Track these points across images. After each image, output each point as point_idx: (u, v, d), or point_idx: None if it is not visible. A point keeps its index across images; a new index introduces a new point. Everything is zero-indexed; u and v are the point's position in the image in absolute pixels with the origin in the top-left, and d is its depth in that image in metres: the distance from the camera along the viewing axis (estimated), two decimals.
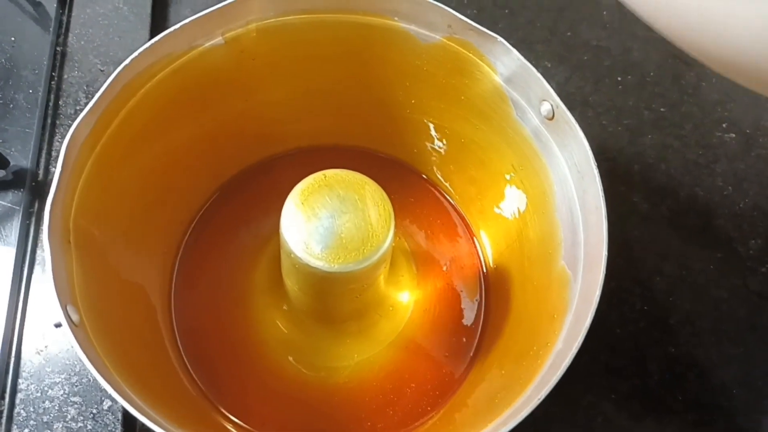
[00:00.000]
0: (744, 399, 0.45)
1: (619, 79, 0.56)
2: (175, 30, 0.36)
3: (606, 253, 0.32)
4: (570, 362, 0.30)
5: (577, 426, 0.44)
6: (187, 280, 0.46)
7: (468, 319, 0.46)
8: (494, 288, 0.46)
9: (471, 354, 0.45)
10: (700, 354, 0.47)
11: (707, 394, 0.46)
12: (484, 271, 0.47)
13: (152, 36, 0.54)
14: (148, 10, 0.55)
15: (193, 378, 0.43)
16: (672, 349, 0.47)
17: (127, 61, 0.34)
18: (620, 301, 0.48)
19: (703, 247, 0.50)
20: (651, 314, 0.48)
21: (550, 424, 0.44)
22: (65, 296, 0.30)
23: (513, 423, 0.29)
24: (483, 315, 0.46)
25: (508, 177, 0.42)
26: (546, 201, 0.38)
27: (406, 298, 0.47)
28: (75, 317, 0.30)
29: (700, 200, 0.52)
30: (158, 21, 0.56)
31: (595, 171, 0.34)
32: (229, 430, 0.41)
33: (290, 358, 0.44)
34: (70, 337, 0.29)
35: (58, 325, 0.30)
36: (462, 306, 0.46)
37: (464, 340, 0.45)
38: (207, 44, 0.38)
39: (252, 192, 0.49)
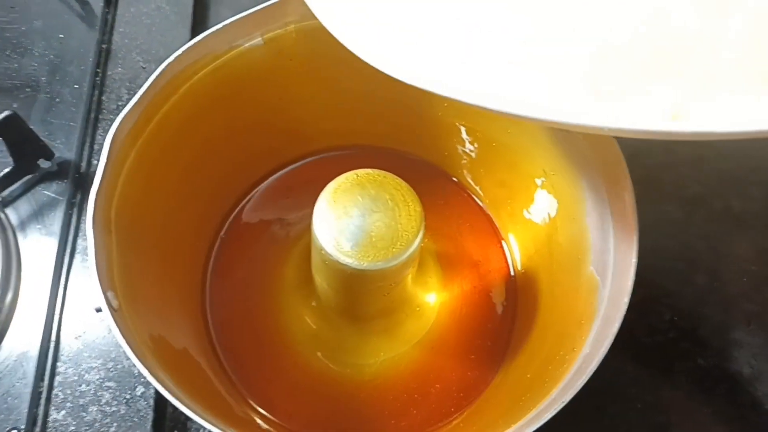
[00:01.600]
0: None
1: None
2: (217, 30, 0.37)
3: (636, 260, 0.32)
4: (597, 366, 0.30)
5: None
6: (220, 272, 0.47)
7: (495, 322, 0.46)
8: (522, 292, 0.46)
9: (497, 357, 0.45)
10: (730, 368, 0.46)
11: (736, 408, 0.45)
12: (512, 274, 0.47)
13: (193, 35, 0.56)
14: (190, 9, 0.57)
15: (223, 368, 0.44)
16: (701, 362, 0.46)
17: (171, 58, 0.36)
18: (648, 310, 0.48)
19: (736, 258, 0.50)
20: (680, 325, 0.47)
21: (574, 430, 0.44)
22: (106, 282, 0.32)
23: (537, 424, 0.29)
24: (510, 319, 0.46)
25: (539, 181, 0.42)
26: (577, 206, 0.38)
27: (432, 299, 0.47)
28: (115, 303, 0.31)
29: (735, 210, 0.51)
30: (199, 21, 0.58)
31: (628, 178, 0.34)
32: (255, 421, 0.42)
33: (318, 354, 0.45)
34: (110, 321, 0.30)
35: (98, 310, 0.31)
36: (489, 309, 0.47)
37: (490, 343, 0.46)
38: (246, 44, 0.39)
39: (284, 189, 0.50)
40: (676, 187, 0.52)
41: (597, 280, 0.35)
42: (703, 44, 0.20)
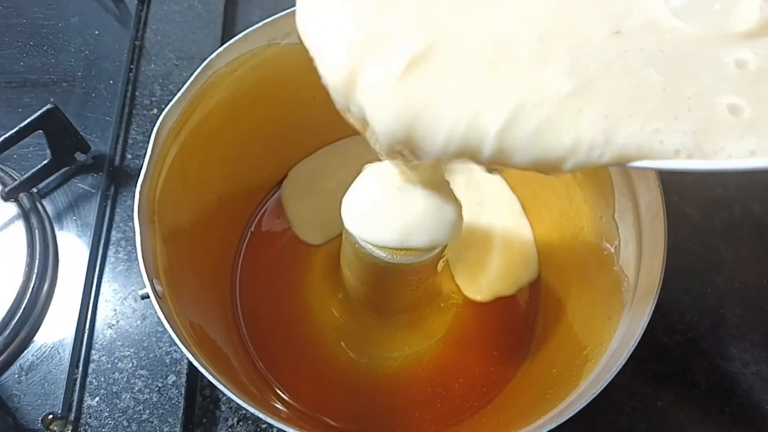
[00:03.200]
0: None
1: None
2: (257, 27, 0.38)
3: (664, 259, 0.32)
4: (625, 361, 0.30)
5: None
6: (249, 264, 0.48)
7: (519, 318, 0.47)
8: (547, 289, 0.47)
9: (521, 352, 0.46)
10: (751, 369, 0.47)
11: (755, 409, 0.45)
12: (538, 272, 0.48)
13: (224, 33, 0.57)
14: (221, 8, 0.58)
15: (251, 357, 0.45)
16: (721, 362, 0.47)
17: (213, 55, 0.37)
18: (669, 310, 0.48)
19: (757, 261, 0.50)
20: (700, 325, 0.48)
21: (593, 429, 0.45)
22: (152, 270, 0.33)
23: (567, 415, 0.30)
24: (533, 315, 0.47)
25: (570, 176, 0.43)
26: (606, 203, 0.39)
27: (457, 296, 0.48)
28: (159, 290, 0.33)
29: (755, 214, 0.52)
30: (229, 19, 0.59)
31: (656, 178, 0.34)
32: (282, 410, 0.43)
33: (342, 344, 0.46)
34: (156, 308, 0.31)
35: (144, 297, 0.32)
36: (514, 305, 0.48)
37: (513, 339, 0.46)
38: (283, 42, 0.40)
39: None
40: (697, 189, 0.53)
41: (625, 276, 0.35)
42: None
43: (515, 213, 0.50)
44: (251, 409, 0.30)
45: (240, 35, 0.38)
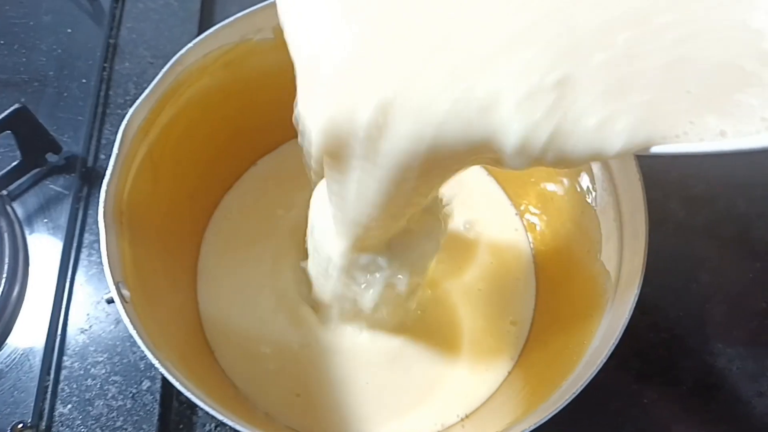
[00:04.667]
0: None
1: None
2: (227, 23, 0.37)
3: (646, 251, 0.32)
4: (607, 358, 0.30)
5: (604, 431, 0.44)
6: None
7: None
8: (541, 276, 0.46)
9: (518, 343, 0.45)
10: (735, 365, 0.46)
11: (740, 405, 0.45)
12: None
13: (200, 31, 0.56)
14: (198, 5, 0.57)
15: (217, 361, 0.44)
16: (705, 358, 0.46)
17: (183, 50, 0.36)
18: (653, 307, 0.48)
19: (741, 257, 0.50)
20: (684, 322, 0.47)
21: (577, 428, 0.43)
22: (118, 273, 0.32)
23: (547, 417, 0.29)
24: (530, 300, 0.46)
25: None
26: (586, 198, 0.38)
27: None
28: (126, 294, 0.31)
29: (739, 210, 0.51)
30: (206, 16, 0.58)
31: (638, 171, 0.34)
32: (258, 415, 0.42)
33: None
34: (121, 312, 0.30)
35: (110, 301, 0.31)
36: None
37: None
38: (257, 38, 0.40)
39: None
40: (680, 186, 0.52)
41: (607, 271, 0.35)
42: None
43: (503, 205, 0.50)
44: (220, 416, 0.29)
45: (210, 30, 0.37)
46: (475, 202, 0.49)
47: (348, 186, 0.27)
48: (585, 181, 0.38)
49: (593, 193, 0.38)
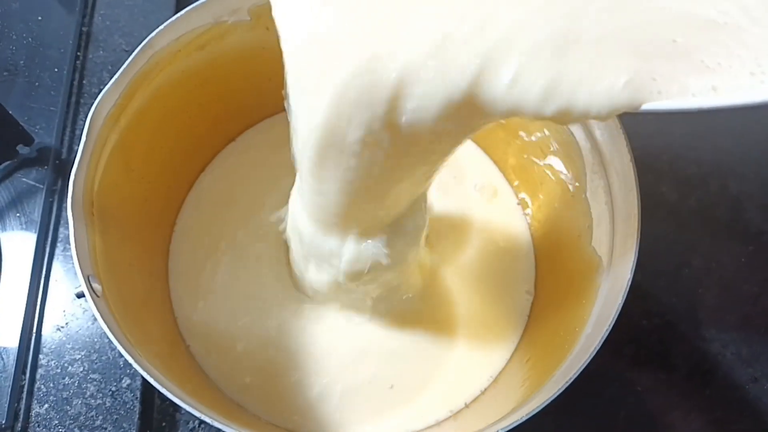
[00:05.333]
0: None
1: None
2: (200, 4, 0.36)
3: (638, 234, 0.31)
4: (599, 347, 0.29)
5: (599, 419, 0.43)
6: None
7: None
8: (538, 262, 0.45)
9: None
10: (730, 349, 0.45)
11: (735, 390, 0.44)
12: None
13: None
14: None
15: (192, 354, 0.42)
16: (699, 344, 0.46)
17: (153, 34, 0.34)
18: (646, 293, 0.47)
19: (734, 239, 0.49)
20: (678, 307, 0.47)
21: (571, 417, 0.43)
22: (87, 267, 0.30)
23: (540, 406, 0.28)
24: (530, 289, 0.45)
25: (552, 148, 0.41)
26: (577, 181, 0.37)
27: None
28: (97, 288, 0.30)
29: (732, 191, 0.50)
30: (183, 3, 0.56)
31: (629, 154, 0.33)
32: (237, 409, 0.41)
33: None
34: (93, 308, 0.29)
35: (80, 296, 0.29)
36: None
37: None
38: (232, 20, 0.38)
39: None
40: (672, 168, 0.51)
41: (598, 258, 0.34)
42: None
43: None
44: (197, 413, 0.27)
45: (181, 12, 0.35)
46: (470, 182, 0.48)
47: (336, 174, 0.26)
48: (576, 165, 0.37)
49: (584, 177, 0.36)
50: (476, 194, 0.47)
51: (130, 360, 0.28)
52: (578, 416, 0.43)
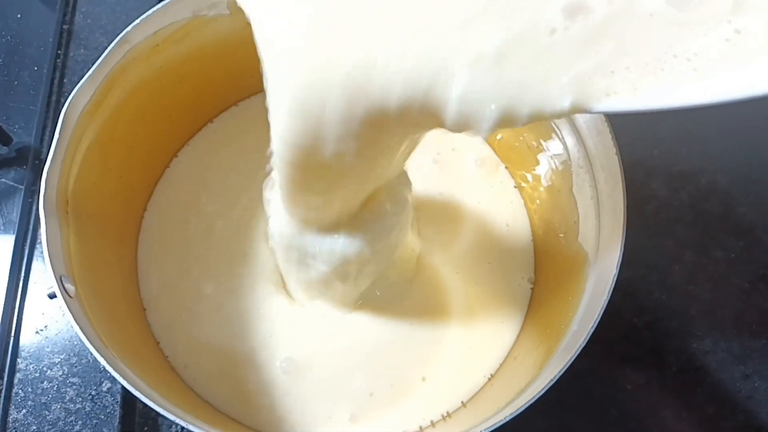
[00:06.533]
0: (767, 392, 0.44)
1: None
2: None
3: (624, 228, 0.30)
4: (584, 344, 0.28)
5: (590, 418, 0.43)
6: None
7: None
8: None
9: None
10: (721, 346, 0.45)
11: (727, 387, 0.44)
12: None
13: None
14: None
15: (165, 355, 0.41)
16: (691, 340, 0.45)
17: (129, 28, 0.33)
18: (636, 289, 0.46)
19: (725, 234, 0.48)
20: (669, 304, 0.46)
21: (562, 416, 0.42)
22: (60, 266, 0.29)
23: (524, 406, 0.27)
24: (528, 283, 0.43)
25: (543, 145, 0.40)
26: (567, 177, 0.36)
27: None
28: (70, 288, 0.29)
29: (722, 186, 0.50)
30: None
31: (616, 150, 0.32)
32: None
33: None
34: (65, 308, 0.28)
35: (52, 296, 0.28)
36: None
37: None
38: (211, 14, 0.37)
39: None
40: (663, 164, 0.51)
41: (585, 252, 0.33)
42: None
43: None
44: (173, 417, 0.27)
45: (158, 6, 0.35)
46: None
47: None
48: (560, 160, 0.37)
49: (570, 173, 0.36)
50: (476, 168, 0.46)
51: (102, 361, 0.27)
52: (569, 415, 0.43)
